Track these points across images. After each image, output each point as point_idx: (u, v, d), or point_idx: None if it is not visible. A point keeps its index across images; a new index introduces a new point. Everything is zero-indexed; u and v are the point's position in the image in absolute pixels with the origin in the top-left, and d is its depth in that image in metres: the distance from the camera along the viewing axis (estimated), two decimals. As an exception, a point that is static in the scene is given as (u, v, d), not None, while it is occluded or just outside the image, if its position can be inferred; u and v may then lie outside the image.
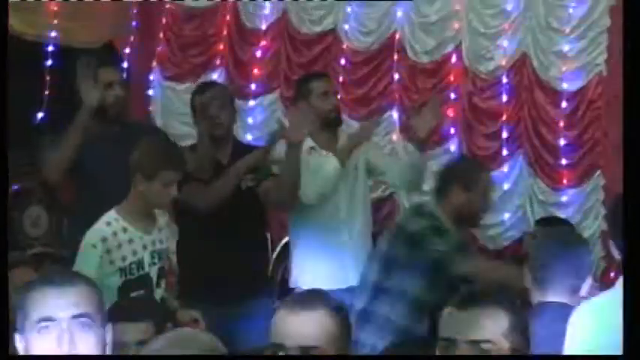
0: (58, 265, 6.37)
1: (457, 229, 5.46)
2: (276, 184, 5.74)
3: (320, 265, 5.69)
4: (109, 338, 3.19)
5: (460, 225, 5.46)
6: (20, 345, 3.04)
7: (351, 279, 5.55)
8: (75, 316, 2.95)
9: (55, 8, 7.60)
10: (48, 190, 7.42)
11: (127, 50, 7.79)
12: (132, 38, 7.92)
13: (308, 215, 5.80)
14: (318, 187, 5.77)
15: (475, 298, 2.95)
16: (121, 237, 5.04)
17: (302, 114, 5.63)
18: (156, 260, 5.13)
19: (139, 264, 5.11)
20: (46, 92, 7.56)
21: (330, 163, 5.82)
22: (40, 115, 7.38)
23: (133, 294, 5.10)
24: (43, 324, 2.96)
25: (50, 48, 7.64)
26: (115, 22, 7.98)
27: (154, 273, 5.05)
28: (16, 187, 7.79)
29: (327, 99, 5.92)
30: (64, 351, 2.95)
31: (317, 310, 3.06)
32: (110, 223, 5.03)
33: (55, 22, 7.63)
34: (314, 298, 3.05)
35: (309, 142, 5.62)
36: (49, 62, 7.65)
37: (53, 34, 7.65)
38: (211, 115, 5.85)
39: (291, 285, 5.81)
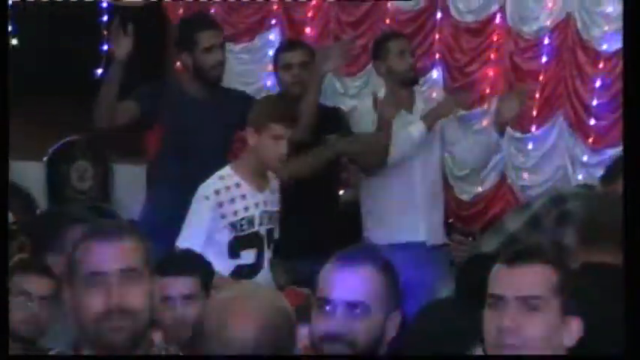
0: (105, 219, 6.51)
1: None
2: (368, 150, 6.01)
3: (393, 222, 5.94)
4: (156, 292, 3.24)
5: None
6: (69, 299, 3.10)
7: (422, 234, 5.91)
8: (123, 270, 3.00)
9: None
10: (95, 144, 7.75)
11: (180, 11, 7.94)
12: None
13: (384, 174, 6.04)
14: (403, 149, 5.97)
15: (524, 255, 2.96)
16: (235, 192, 5.12)
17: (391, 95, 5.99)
18: (266, 221, 5.19)
19: (250, 221, 5.17)
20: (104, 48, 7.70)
21: (417, 126, 6.06)
22: (99, 70, 7.53)
23: (244, 252, 5.21)
24: (92, 278, 3.02)
25: (104, 4, 7.81)
26: None
27: (264, 232, 5.14)
28: (65, 140, 8.10)
29: (404, 58, 6.15)
30: (113, 304, 3.00)
31: (364, 266, 3.08)
32: (224, 177, 5.12)
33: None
34: (363, 254, 3.09)
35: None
36: (105, 18, 7.79)
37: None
38: (293, 74, 6.12)
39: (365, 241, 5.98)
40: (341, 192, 6.31)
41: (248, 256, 5.22)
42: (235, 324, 2.61)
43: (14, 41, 7.45)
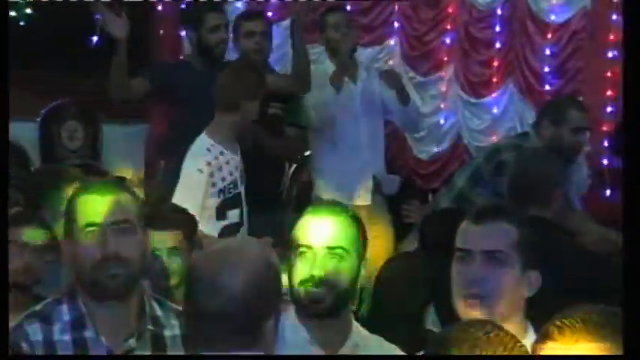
0: (97, 176, 6.69)
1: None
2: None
3: (341, 180, 6.23)
4: (149, 243, 3.47)
5: None
6: (67, 249, 3.28)
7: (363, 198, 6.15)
8: (116, 222, 3.17)
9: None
10: (85, 106, 8.02)
11: None
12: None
13: (327, 136, 6.35)
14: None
15: (489, 213, 3.10)
16: (221, 159, 5.39)
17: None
18: (243, 180, 5.51)
19: (235, 183, 5.47)
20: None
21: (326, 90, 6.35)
22: (94, 39, 7.82)
23: (229, 212, 5.49)
24: (88, 229, 3.17)
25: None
26: None
27: (242, 191, 5.46)
28: (56, 103, 8.35)
29: (338, 30, 6.37)
30: (109, 254, 3.15)
31: (340, 215, 3.38)
32: (210, 149, 5.38)
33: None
34: (338, 206, 3.37)
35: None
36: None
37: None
38: (256, 41, 6.33)
39: (314, 197, 6.34)
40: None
41: (233, 216, 5.50)
42: (226, 273, 2.69)
43: (12, 12, 7.59)
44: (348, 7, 7.72)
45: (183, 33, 7.17)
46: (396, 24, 7.73)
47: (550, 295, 3.19)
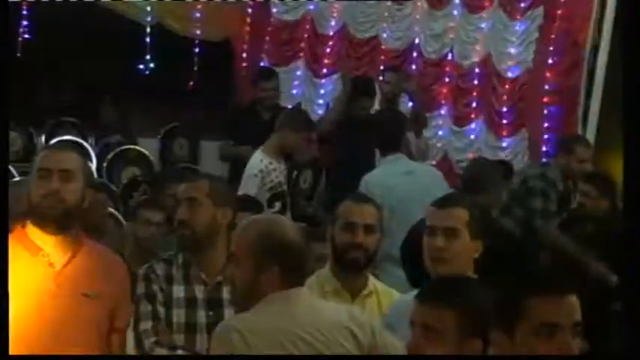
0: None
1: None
2: None
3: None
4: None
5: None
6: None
7: None
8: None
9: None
10: (191, 128, 10.13)
11: (245, 46, 10.23)
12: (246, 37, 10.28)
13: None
14: None
15: (448, 201, 3.72)
16: (269, 167, 6.75)
17: None
18: (285, 182, 6.86)
19: (280, 183, 6.81)
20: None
21: None
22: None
23: (275, 203, 6.77)
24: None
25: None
26: (233, 25, 10.39)
27: (286, 189, 6.80)
28: (171, 125, 10.28)
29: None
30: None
31: (368, 202, 4.32)
32: (262, 160, 6.79)
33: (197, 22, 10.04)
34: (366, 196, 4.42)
35: None
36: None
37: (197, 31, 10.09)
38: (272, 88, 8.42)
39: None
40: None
41: (277, 206, 6.85)
42: (282, 226, 3.55)
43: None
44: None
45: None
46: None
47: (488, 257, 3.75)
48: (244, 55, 10.23)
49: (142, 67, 10.11)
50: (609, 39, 8.21)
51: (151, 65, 10.03)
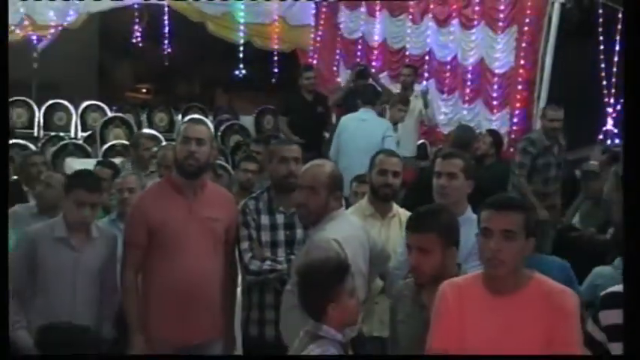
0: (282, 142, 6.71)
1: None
2: None
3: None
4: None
5: None
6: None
7: None
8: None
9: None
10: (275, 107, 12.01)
11: (314, 57, 12.68)
12: (311, 49, 13.10)
13: None
14: None
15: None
16: None
17: None
18: None
19: None
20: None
21: None
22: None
23: None
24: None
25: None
26: (300, 41, 12.93)
27: None
28: (263, 107, 12.38)
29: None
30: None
31: (396, 156, 4.81)
32: None
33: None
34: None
35: None
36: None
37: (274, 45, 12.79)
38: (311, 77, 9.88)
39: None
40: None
41: None
42: None
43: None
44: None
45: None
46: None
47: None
48: (313, 61, 12.67)
49: (240, 67, 12.89)
50: (553, 44, 9.51)
51: (245, 68, 12.75)
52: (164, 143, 8.23)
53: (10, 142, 9.69)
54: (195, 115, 11.54)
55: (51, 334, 2.56)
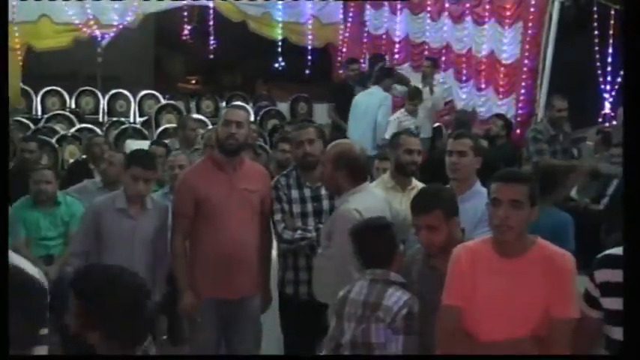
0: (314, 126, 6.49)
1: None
2: None
3: None
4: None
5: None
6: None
7: None
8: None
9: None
10: (306, 95, 12.59)
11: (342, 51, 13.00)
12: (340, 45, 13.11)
13: None
14: None
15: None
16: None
17: None
18: None
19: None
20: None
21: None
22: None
23: None
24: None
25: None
26: (331, 37, 13.28)
27: None
28: (297, 94, 12.60)
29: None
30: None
31: (418, 137, 4.78)
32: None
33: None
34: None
35: None
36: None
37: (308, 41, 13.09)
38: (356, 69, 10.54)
39: None
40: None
41: None
42: None
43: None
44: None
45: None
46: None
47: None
48: (340, 55, 13.01)
49: (279, 59, 12.98)
50: (554, 38, 9.46)
51: (283, 62, 12.94)
52: (210, 127, 8.35)
53: (80, 126, 10.40)
54: (237, 102, 11.30)
55: (106, 270, 2.57)
